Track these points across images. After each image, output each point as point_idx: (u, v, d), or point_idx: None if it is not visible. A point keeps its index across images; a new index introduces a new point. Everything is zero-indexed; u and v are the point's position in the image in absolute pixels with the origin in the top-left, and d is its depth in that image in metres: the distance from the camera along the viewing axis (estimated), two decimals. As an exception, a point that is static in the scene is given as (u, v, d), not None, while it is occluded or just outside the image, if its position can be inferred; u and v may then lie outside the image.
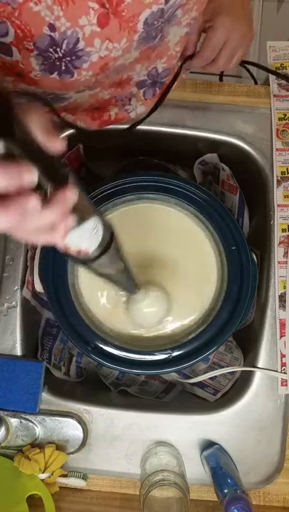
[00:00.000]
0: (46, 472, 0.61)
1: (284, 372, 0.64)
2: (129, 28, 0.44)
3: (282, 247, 0.67)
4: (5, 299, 0.66)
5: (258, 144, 0.70)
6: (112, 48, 0.45)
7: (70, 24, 0.41)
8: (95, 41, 0.43)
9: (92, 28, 0.42)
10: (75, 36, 0.42)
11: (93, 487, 0.65)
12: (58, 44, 0.42)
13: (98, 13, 0.41)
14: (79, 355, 0.74)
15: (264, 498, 0.65)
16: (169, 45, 0.56)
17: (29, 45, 0.41)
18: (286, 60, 0.75)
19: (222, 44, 0.61)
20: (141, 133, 0.70)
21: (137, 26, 0.45)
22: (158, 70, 0.60)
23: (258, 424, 0.64)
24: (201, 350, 0.59)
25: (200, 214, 0.62)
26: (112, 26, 0.43)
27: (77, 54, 0.43)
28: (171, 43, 0.56)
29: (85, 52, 0.43)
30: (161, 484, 0.55)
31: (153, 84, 0.62)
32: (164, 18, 0.47)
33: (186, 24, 0.54)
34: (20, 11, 0.38)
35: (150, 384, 0.74)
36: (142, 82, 0.61)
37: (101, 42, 0.43)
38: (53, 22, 0.40)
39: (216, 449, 0.63)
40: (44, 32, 0.40)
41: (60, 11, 0.39)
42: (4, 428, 0.62)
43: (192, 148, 0.74)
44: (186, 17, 0.52)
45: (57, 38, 0.41)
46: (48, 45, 0.41)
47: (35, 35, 0.40)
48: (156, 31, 0.48)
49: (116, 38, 0.44)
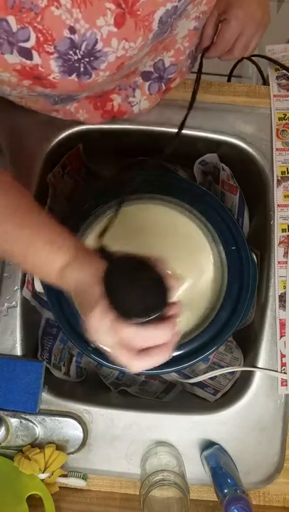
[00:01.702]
0: (46, 472, 0.61)
1: (284, 372, 0.64)
2: (145, 26, 0.45)
3: (282, 247, 0.67)
4: (5, 299, 0.66)
5: (258, 144, 0.70)
6: (129, 48, 0.45)
7: (89, 26, 0.41)
8: (112, 41, 0.44)
9: (110, 28, 0.42)
10: (94, 37, 0.42)
11: (93, 487, 0.65)
12: (78, 46, 0.42)
13: (115, 13, 0.42)
14: (79, 355, 0.74)
15: (264, 498, 0.65)
16: (176, 38, 0.57)
17: (50, 48, 0.41)
18: (285, 61, 0.75)
19: (237, 36, 0.62)
20: (141, 133, 0.71)
21: (152, 25, 0.45)
22: (165, 64, 0.60)
23: (258, 425, 0.64)
24: (201, 350, 0.59)
25: (200, 214, 0.62)
26: (128, 26, 0.43)
27: (96, 55, 0.44)
28: (179, 35, 0.56)
29: (102, 53, 0.44)
30: (161, 484, 0.55)
31: (159, 79, 0.62)
32: (177, 14, 0.47)
33: (195, 17, 0.54)
34: (43, 16, 0.39)
35: (150, 384, 0.74)
36: (148, 74, 0.61)
37: (118, 42, 0.44)
38: (73, 24, 0.40)
39: (216, 449, 0.63)
40: (64, 35, 0.41)
41: (79, 13, 0.40)
42: (4, 428, 0.62)
43: (192, 148, 0.74)
44: (194, 10, 0.53)
45: (77, 40, 0.42)
46: (68, 48, 0.42)
47: (56, 39, 0.41)
48: (168, 27, 0.49)
49: (132, 37, 0.45)
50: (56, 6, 0.39)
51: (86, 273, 0.43)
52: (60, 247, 0.45)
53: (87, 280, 0.42)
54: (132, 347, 0.41)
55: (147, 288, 0.40)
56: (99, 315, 0.40)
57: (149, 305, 0.40)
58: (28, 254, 0.46)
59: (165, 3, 0.44)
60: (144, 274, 0.41)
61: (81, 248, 0.46)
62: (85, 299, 0.43)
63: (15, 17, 0.38)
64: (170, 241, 0.64)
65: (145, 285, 0.40)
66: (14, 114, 0.67)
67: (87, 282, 0.42)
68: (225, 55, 0.66)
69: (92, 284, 0.41)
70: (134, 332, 0.40)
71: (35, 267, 0.48)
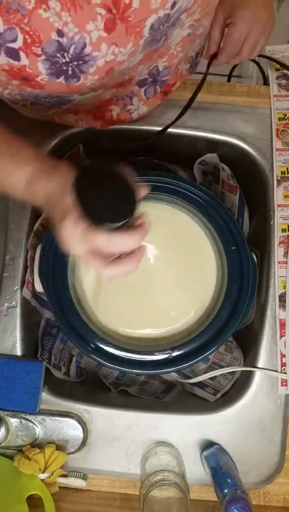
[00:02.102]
0: (46, 472, 0.61)
1: (284, 372, 0.64)
2: (136, 33, 0.45)
3: (282, 247, 0.67)
4: (5, 299, 0.66)
5: (258, 144, 0.70)
6: (118, 53, 0.45)
7: (78, 30, 0.41)
8: (101, 46, 0.43)
9: (99, 33, 0.42)
10: (82, 41, 0.42)
11: (93, 487, 0.65)
12: (66, 49, 0.42)
13: (105, 18, 0.42)
14: (79, 355, 0.74)
15: (264, 498, 0.65)
16: (170, 45, 0.57)
17: (37, 50, 0.41)
18: (285, 61, 0.75)
19: (244, 38, 0.63)
20: (141, 133, 0.70)
21: (143, 31, 0.45)
22: (158, 69, 0.61)
23: (258, 425, 0.64)
24: (201, 350, 0.59)
25: (200, 214, 0.62)
26: (119, 31, 0.43)
27: (84, 59, 0.44)
28: (173, 43, 0.57)
29: (91, 57, 0.44)
30: (161, 484, 0.55)
31: (154, 83, 0.62)
32: (170, 22, 0.47)
33: (189, 26, 0.54)
34: (30, 18, 0.39)
35: (150, 384, 0.74)
36: (143, 81, 0.61)
37: (108, 47, 0.44)
38: (61, 28, 0.40)
39: (216, 449, 0.63)
40: (52, 38, 0.41)
41: (68, 17, 0.40)
42: (4, 428, 0.62)
43: (192, 148, 0.74)
44: (188, 19, 0.53)
45: (65, 43, 0.42)
46: (55, 50, 0.42)
47: (43, 41, 0.41)
48: (161, 35, 0.48)
49: (122, 42, 0.45)
50: (44, 9, 0.39)
51: (55, 183, 0.43)
52: (22, 160, 0.45)
53: (57, 190, 0.43)
54: (104, 254, 0.43)
55: (117, 195, 0.41)
56: (70, 224, 0.41)
57: (119, 211, 0.41)
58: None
59: (157, 11, 0.44)
60: (114, 182, 0.42)
61: (46, 159, 0.46)
62: (56, 209, 0.43)
63: (2, 17, 0.38)
64: (170, 241, 0.64)
65: (115, 192, 0.41)
66: (14, 115, 0.67)
67: (57, 192, 0.43)
68: (233, 59, 0.66)
69: (62, 194, 0.42)
70: (105, 239, 0.41)
71: (4, 188, 0.48)
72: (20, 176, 0.45)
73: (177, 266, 0.63)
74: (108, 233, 0.41)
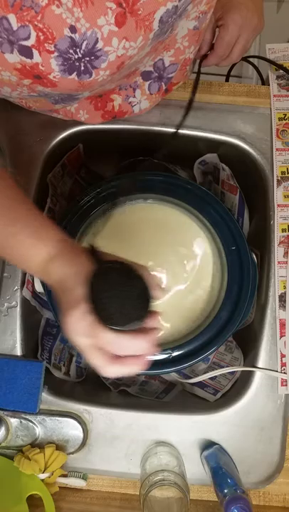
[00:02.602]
0: (46, 472, 0.61)
1: (284, 372, 0.64)
2: (145, 26, 0.45)
3: (282, 247, 0.67)
4: (5, 299, 0.66)
5: (258, 144, 0.70)
6: (129, 47, 0.45)
7: (90, 25, 0.41)
8: (112, 41, 0.43)
9: (110, 27, 0.42)
10: (94, 37, 0.42)
11: (93, 487, 0.65)
12: (78, 45, 0.42)
13: (116, 12, 0.42)
14: (79, 355, 0.74)
15: (264, 498, 0.65)
16: (176, 37, 0.57)
17: (50, 47, 0.41)
18: (286, 61, 0.75)
19: (235, 40, 0.63)
20: (141, 133, 0.71)
21: (153, 24, 0.45)
22: (164, 63, 0.60)
23: (258, 424, 0.64)
24: (201, 350, 0.59)
25: (200, 214, 0.62)
26: (129, 25, 0.43)
27: (96, 54, 0.44)
28: (179, 35, 0.56)
29: (103, 52, 0.44)
30: (161, 484, 0.55)
31: (159, 79, 0.62)
32: (177, 14, 0.47)
33: (195, 17, 0.54)
34: (43, 15, 0.39)
35: (150, 384, 0.74)
36: (148, 74, 0.61)
37: (118, 41, 0.44)
38: (74, 24, 0.40)
39: (216, 449, 0.63)
40: (65, 34, 0.41)
41: (80, 13, 0.40)
42: (4, 428, 0.62)
43: (192, 148, 0.74)
44: (194, 10, 0.53)
45: (77, 39, 0.42)
46: (68, 47, 0.42)
47: (56, 38, 0.41)
48: (168, 27, 0.49)
49: (133, 37, 0.45)
50: (57, 5, 0.39)
51: (70, 271, 0.43)
52: (43, 240, 0.45)
53: (71, 278, 0.42)
54: (107, 352, 0.41)
55: (131, 297, 0.40)
56: (78, 316, 0.40)
57: (130, 315, 0.40)
58: (13, 245, 0.46)
59: (166, 3, 0.44)
60: (130, 282, 0.40)
61: (67, 243, 0.45)
62: (67, 296, 0.42)
63: (15, 15, 0.38)
64: (170, 241, 0.64)
65: (129, 294, 0.40)
66: (14, 114, 0.67)
67: (70, 280, 0.42)
68: (223, 61, 0.66)
69: (76, 284, 0.41)
70: (112, 338, 0.40)
71: (16, 259, 0.48)
72: (39, 253, 0.45)
73: (177, 266, 0.63)
74: (115, 333, 0.40)
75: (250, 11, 0.62)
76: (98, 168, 0.79)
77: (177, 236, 0.64)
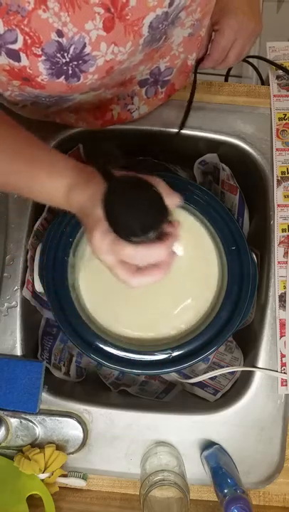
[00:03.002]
0: (46, 472, 0.61)
1: (284, 372, 0.64)
2: (134, 31, 0.45)
3: (282, 247, 0.67)
4: (5, 299, 0.66)
5: (258, 144, 0.70)
6: (118, 52, 0.45)
7: (77, 30, 0.41)
8: (101, 45, 0.44)
9: (98, 32, 0.42)
10: (82, 41, 0.42)
11: (93, 487, 0.65)
12: (66, 49, 0.42)
13: (104, 17, 0.42)
14: (79, 355, 0.74)
15: (264, 498, 0.65)
16: (172, 46, 0.57)
17: (37, 50, 0.41)
18: (286, 60, 0.75)
19: (231, 45, 0.63)
20: (141, 133, 0.70)
21: (142, 30, 0.45)
22: (160, 69, 0.61)
23: (257, 424, 0.64)
24: (201, 350, 0.59)
25: (200, 214, 0.62)
26: (118, 30, 0.43)
27: (84, 58, 0.44)
28: (175, 43, 0.57)
29: (91, 57, 0.44)
30: (161, 484, 0.55)
31: (155, 83, 0.63)
32: (168, 20, 0.47)
33: (190, 25, 0.54)
34: (30, 19, 0.39)
35: (150, 384, 0.74)
36: (144, 81, 0.61)
37: (107, 46, 0.44)
38: (61, 28, 0.40)
39: (216, 449, 0.63)
40: (52, 38, 0.41)
41: (67, 17, 0.40)
42: (4, 428, 0.62)
43: (192, 148, 0.74)
44: (189, 18, 0.53)
45: (64, 43, 0.42)
46: (56, 51, 0.42)
47: (43, 42, 0.41)
48: (160, 34, 0.48)
49: (121, 42, 0.45)
50: (43, 10, 0.39)
51: (87, 195, 0.45)
52: (60, 174, 0.47)
53: (89, 202, 0.44)
54: (131, 265, 0.43)
55: (146, 206, 0.41)
56: (99, 235, 0.43)
57: (146, 223, 0.41)
58: (33, 187, 0.48)
59: (155, 9, 0.44)
60: (142, 194, 0.42)
61: (78, 169, 0.47)
62: (88, 220, 0.44)
63: (2, 19, 0.38)
64: (170, 241, 0.64)
65: (144, 203, 0.41)
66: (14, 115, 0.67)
67: (89, 203, 0.44)
68: (219, 65, 0.66)
69: (93, 206, 0.43)
70: (132, 250, 0.42)
71: (44, 199, 0.51)
72: (58, 187, 0.47)
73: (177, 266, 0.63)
74: (134, 245, 0.41)
75: (246, 15, 0.62)
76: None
77: (177, 236, 0.64)
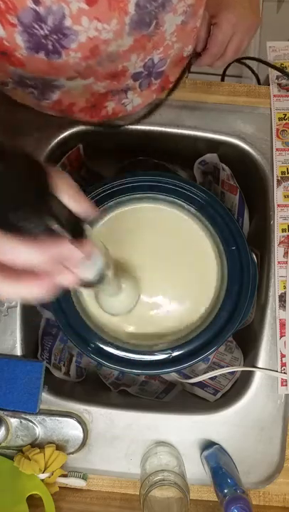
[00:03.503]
0: (46, 472, 0.61)
1: (284, 372, 0.64)
2: (120, 8, 0.43)
3: (282, 247, 0.67)
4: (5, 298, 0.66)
5: (258, 144, 0.70)
6: (102, 29, 0.44)
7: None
8: (82, 20, 0.42)
9: (80, 5, 0.41)
10: (61, 12, 0.41)
11: (93, 487, 0.65)
12: (43, 19, 0.41)
13: None
14: (79, 355, 0.74)
15: (264, 498, 0.65)
16: (165, 35, 0.55)
17: (13, 19, 0.40)
18: (286, 60, 0.75)
19: (228, 38, 0.62)
20: (141, 133, 0.71)
21: (128, 7, 0.44)
22: (154, 61, 0.60)
23: (257, 424, 0.64)
24: (201, 350, 0.59)
25: (200, 214, 0.62)
26: (101, 5, 0.42)
27: (64, 32, 0.42)
28: (168, 32, 0.55)
29: (72, 31, 0.42)
30: (161, 484, 0.55)
31: (148, 75, 0.62)
32: (158, 1, 0.46)
33: (182, 12, 0.53)
34: None
35: (150, 384, 0.74)
36: (138, 74, 0.60)
37: (89, 21, 0.42)
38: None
39: (216, 449, 0.63)
40: (28, 5, 0.39)
41: None
42: (4, 428, 0.62)
43: (192, 148, 0.74)
44: (181, 4, 0.51)
45: (42, 12, 0.40)
46: (32, 20, 0.40)
47: (18, 8, 0.39)
48: (149, 16, 0.47)
49: (105, 18, 0.43)
50: None
51: None
52: None
53: None
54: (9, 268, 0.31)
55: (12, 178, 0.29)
56: None
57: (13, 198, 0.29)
58: None
59: None
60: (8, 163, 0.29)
61: None
62: None
63: None
64: (170, 241, 0.64)
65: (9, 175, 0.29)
66: (14, 114, 0.67)
67: None
68: (217, 61, 0.66)
69: None
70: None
71: None
72: None
73: (177, 266, 0.63)
74: None
75: (245, 9, 0.61)
76: (98, 168, 0.79)
77: (177, 236, 0.64)
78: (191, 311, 0.62)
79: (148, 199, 0.64)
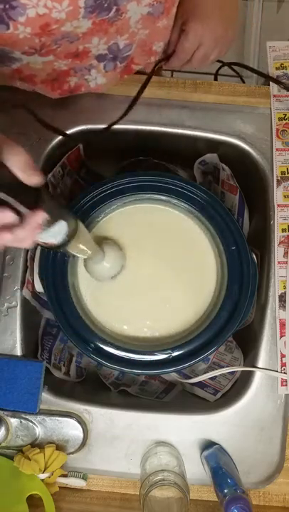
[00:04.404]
0: (46, 472, 0.61)
1: (284, 372, 0.64)
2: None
3: (282, 247, 0.67)
4: (5, 299, 0.66)
5: (258, 144, 0.70)
6: (52, 8, 0.44)
7: None
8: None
9: None
10: None
11: (93, 487, 0.65)
12: None
13: None
14: (79, 355, 0.74)
15: (264, 498, 0.65)
16: (129, 22, 0.56)
17: None
18: (286, 60, 0.75)
19: (195, 47, 0.63)
20: (141, 133, 0.71)
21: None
22: (119, 46, 0.60)
23: (257, 424, 0.64)
24: (201, 350, 0.59)
25: (200, 214, 0.62)
26: None
27: (12, 4, 0.43)
28: (132, 20, 0.55)
29: (19, 4, 0.43)
30: (161, 484, 0.55)
31: (114, 59, 0.62)
32: None
33: (148, 4, 0.53)
34: None
35: (150, 384, 0.74)
36: (103, 56, 0.60)
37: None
38: None
39: (216, 449, 0.63)
40: None
41: None
42: (4, 428, 0.62)
43: (192, 148, 0.74)
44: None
45: None
46: None
47: None
48: (108, 2, 0.48)
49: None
50: None
51: None
52: None
53: None
54: None
55: None
56: None
57: None
58: None
59: None
60: None
61: None
62: None
63: None
64: (170, 241, 0.64)
65: None
66: (14, 115, 0.67)
67: None
68: (184, 65, 0.67)
69: None
70: None
71: None
72: None
73: (177, 266, 0.63)
74: None
75: (214, 20, 0.62)
76: (98, 168, 0.79)
77: (177, 236, 0.64)
78: (191, 311, 0.62)
79: (148, 199, 0.64)
